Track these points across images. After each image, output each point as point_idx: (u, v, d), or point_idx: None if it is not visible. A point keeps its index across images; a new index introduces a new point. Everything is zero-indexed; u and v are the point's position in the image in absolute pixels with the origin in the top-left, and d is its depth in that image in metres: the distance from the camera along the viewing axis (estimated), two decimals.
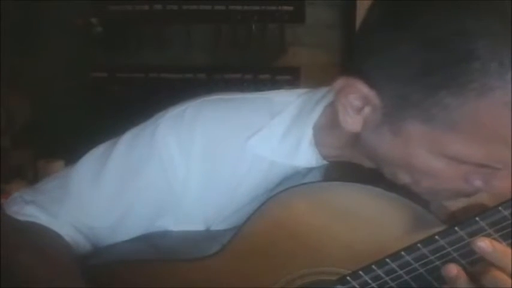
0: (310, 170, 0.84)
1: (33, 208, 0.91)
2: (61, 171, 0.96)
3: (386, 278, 0.77)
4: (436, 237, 0.73)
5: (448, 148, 0.70)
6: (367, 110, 0.75)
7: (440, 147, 0.71)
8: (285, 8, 2.56)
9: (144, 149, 0.87)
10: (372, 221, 0.77)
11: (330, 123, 0.83)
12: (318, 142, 0.84)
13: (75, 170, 0.91)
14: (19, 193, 0.94)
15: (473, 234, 0.72)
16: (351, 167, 0.83)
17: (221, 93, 0.91)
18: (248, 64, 2.59)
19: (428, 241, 0.74)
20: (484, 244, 0.71)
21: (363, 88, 0.73)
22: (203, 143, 0.85)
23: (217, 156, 0.86)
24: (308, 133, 0.84)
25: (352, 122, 0.76)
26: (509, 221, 0.70)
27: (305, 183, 0.79)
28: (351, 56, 0.77)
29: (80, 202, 0.89)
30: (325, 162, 0.84)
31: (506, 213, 0.70)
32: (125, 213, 0.89)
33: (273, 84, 2.49)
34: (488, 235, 0.71)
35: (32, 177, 2.35)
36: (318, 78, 0.90)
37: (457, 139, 0.69)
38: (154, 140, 0.86)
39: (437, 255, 0.74)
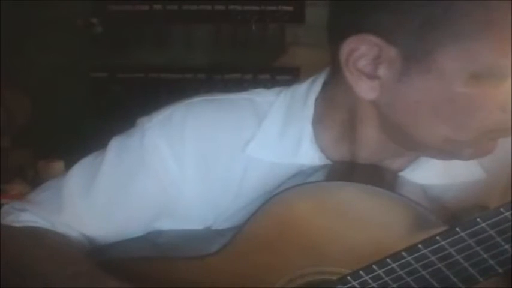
0: (314, 170, 0.83)
1: (29, 215, 0.90)
2: (52, 180, 0.94)
3: (387, 279, 0.77)
4: (437, 237, 0.73)
5: (482, 59, 0.69)
6: (382, 69, 0.73)
7: (475, 64, 0.70)
8: (285, 8, 2.56)
9: (134, 157, 0.86)
10: (373, 221, 0.77)
11: (322, 116, 0.83)
12: (316, 137, 0.84)
13: (66, 181, 0.90)
14: (10, 204, 0.93)
15: (474, 235, 0.72)
16: (354, 167, 0.83)
17: (205, 95, 0.90)
18: (248, 64, 2.59)
19: (429, 241, 0.74)
20: None
21: (375, 40, 0.72)
22: (195, 145, 0.85)
23: (210, 157, 0.85)
24: (308, 130, 0.83)
25: (368, 88, 0.74)
26: (511, 222, 0.70)
27: (307, 183, 0.79)
28: (337, 23, 0.77)
29: (75, 214, 0.89)
30: (327, 159, 0.84)
31: (508, 214, 0.70)
32: (122, 223, 0.89)
33: (273, 84, 2.48)
34: (490, 236, 0.71)
35: (32, 177, 2.35)
36: None
37: (487, 44, 0.69)
38: (144, 147, 0.85)
39: (438, 256, 0.74)
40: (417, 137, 0.77)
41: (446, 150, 0.78)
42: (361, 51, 0.73)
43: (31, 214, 0.90)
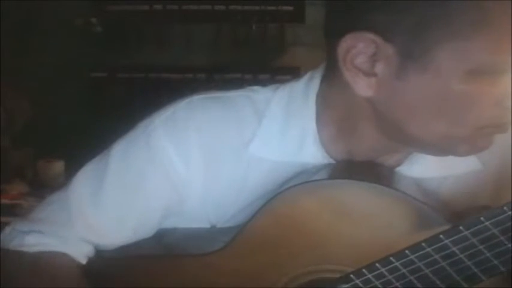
0: (318, 169, 0.83)
1: (37, 236, 0.88)
2: (54, 194, 0.91)
3: (390, 277, 0.77)
4: (441, 236, 0.73)
5: (477, 57, 0.71)
6: (379, 66, 0.75)
7: (470, 61, 0.71)
8: (285, 8, 2.56)
9: (142, 159, 0.86)
10: (376, 219, 0.77)
11: (320, 113, 0.83)
12: (319, 135, 0.84)
13: (71, 192, 0.88)
14: (11, 226, 0.90)
15: (477, 234, 0.72)
16: (358, 165, 0.83)
17: (203, 92, 0.90)
18: (248, 64, 2.59)
19: (432, 240, 0.74)
20: None
21: (372, 37, 0.73)
22: (199, 143, 0.85)
23: (214, 156, 0.86)
24: (312, 128, 0.84)
25: (366, 85, 0.76)
26: None
27: (310, 181, 0.79)
28: (335, 21, 0.78)
29: (87, 225, 0.87)
30: (330, 157, 0.84)
31: (511, 212, 0.70)
32: (136, 225, 0.88)
33: (273, 84, 2.49)
34: (493, 235, 0.71)
35: (32, 177, 2.35)
36: None
37: (482, 42, 0.70)
38: (151, 149, 0.85)
39: (442, 254, 0.74)
40: (413, 134, 0.77)
41: (442, 147, 0.79)
42: (358, 48, 0.74)
43: (40, 235, 0.88)
